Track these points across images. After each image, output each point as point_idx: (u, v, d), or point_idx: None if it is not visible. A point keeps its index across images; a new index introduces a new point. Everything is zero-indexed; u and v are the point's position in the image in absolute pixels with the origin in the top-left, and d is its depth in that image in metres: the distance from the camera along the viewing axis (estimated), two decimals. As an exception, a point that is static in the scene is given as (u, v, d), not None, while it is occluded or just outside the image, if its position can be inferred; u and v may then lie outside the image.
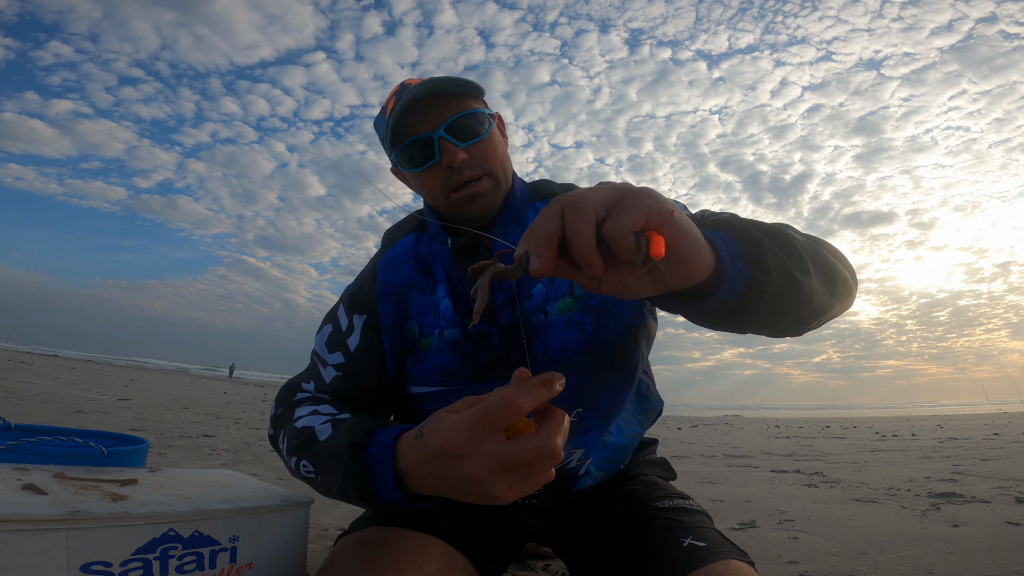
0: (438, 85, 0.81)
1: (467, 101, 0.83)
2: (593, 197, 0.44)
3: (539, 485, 0.52)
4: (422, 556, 0.72)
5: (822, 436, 6.88)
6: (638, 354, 0.87)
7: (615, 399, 0.86)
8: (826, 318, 0.66)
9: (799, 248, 0.58)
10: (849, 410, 33.23)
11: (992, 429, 7.08)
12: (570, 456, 0.86)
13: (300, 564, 0.84)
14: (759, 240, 0.54)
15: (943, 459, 3.90)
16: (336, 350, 0.89)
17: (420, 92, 0.79)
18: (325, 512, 1.88)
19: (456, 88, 0.82)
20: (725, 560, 0.69)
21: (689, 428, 8.89)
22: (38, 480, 0.68)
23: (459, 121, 0.81)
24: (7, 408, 3.89)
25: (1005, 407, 22.06)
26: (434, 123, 0.81)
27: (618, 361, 0.85)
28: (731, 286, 0.52)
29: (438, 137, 0.80)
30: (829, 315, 0.66)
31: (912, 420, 11.33)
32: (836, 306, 0.66)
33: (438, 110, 0.81)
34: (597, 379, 0.84)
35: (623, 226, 0.42)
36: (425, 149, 0.82)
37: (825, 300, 0.62)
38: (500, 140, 0.89)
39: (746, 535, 1.81)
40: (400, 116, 0.81)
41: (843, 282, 0.66)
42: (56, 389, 6.53)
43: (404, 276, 0.90)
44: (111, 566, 0.60)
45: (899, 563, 1.48)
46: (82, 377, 10.03)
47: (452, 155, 0.80)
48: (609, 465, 0.91)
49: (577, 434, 0.85)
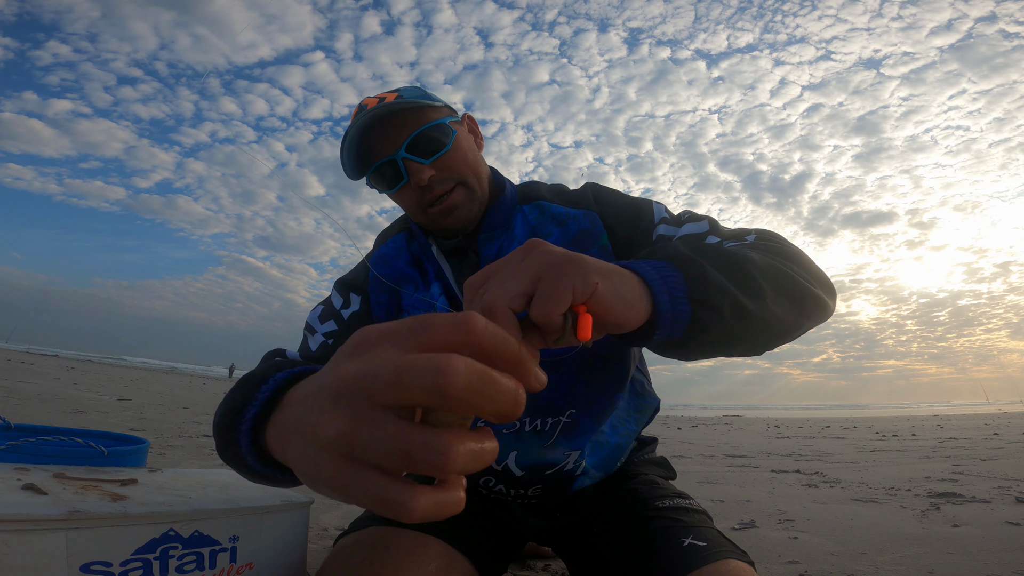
0: (392, 105, 0.79)
1: (425, 114, 0.81)
2: (511, 288, 0.41)
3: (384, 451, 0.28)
4: (421, 556, 0.72)
5: (822, 436, 6.88)
6: (630, 355, 0.87)
7: (609, 400, 0.86)
8: (794, 335, 0.64)
9: (755, 275, 0.57)
10: (849, 410, 33.23)
11: (992, 429, 7.08)
12: (566, 458, 0.86)
13: (300, 564, 0.84)
14: (706, 275, 0.53)
15: (943, 459, 3.90)
16: (329, 319, 0.88)
17: (373, 117, 0.78)
18: (325, 512, 1.88)
19: (412, 104, 0.80)
20: (726, 560, 0.69)
21: (689, 428, 8.89)
22: (38, 480, 0.68)
23: (419, 138, 0.79)
24: (7, 408, 3.89)
25: (1005, 407, 22.05)
26: (395, 144, 0.79)
27: (611, 363, 0.85)
28: (669, 329, 0.51)
29: (401, 158, 0.79)
30: (797, 332, 0.64)
31: (912, 420, 11.33)
32: (806, 323, 0.64)
33: (397, 130, 0.79)
34: (590, 382, 0.83)
35: (549, 313, 0.41)
36: (392, 171, 0.81)
37: (789, 320, 0.61)
38: (469, 145, 0.87)
39: (746, 535, 1.81)
40: (360, 142, 0.80)
41: (812, 299, 0.64)
42: (56, 389, 6.53)
43: (397, 270, 0.89)
44: (111, 566, 0.60)
45: (899, 563, 1.48)
46: (82, 377, 10.03)
47: (418, 174, 0.79)
48: (606, 464, 0.91)
49: (571, 435, 0.85)
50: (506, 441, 0.85)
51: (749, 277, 0.56)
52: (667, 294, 0.50)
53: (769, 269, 0.60)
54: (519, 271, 0.42)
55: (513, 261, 0.44)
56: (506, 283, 0.42)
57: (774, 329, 0.59)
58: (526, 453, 0.86)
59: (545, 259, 0.43)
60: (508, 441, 0.85)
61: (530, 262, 0.43)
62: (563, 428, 0.84)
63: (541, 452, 0.86)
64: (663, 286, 0.50)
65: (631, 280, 0.48)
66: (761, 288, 0.56)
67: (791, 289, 0.61)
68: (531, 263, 0.43)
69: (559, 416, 0.84)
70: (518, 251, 0.45)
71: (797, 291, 0.61)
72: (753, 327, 0.56)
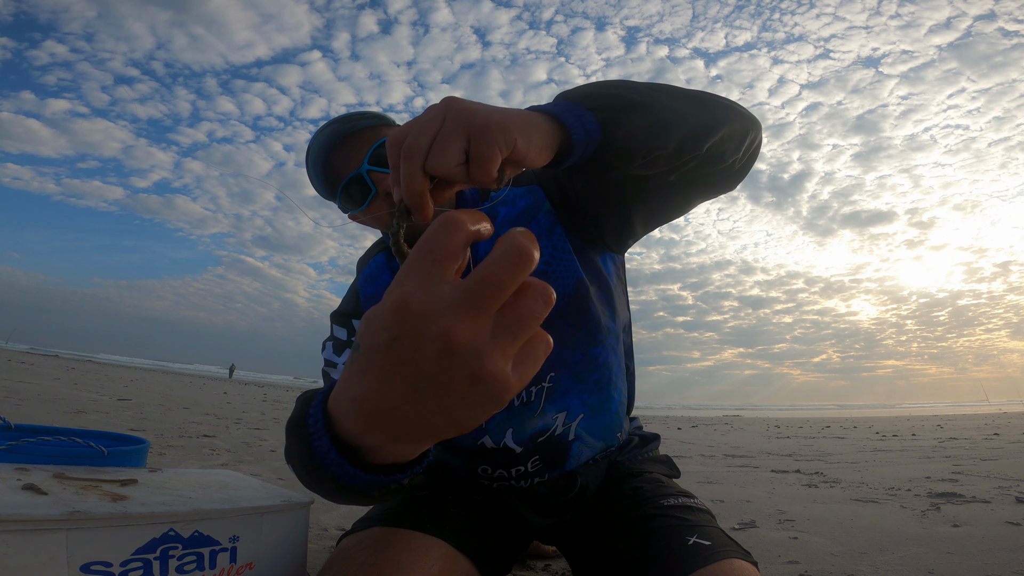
0: (347, 125, 0.85)
1: (380, 131, 0.87)
2: (453, 156, 0.45)
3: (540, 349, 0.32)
4: (424, 557, 0.72)
5: (822, 436, 6.88)
6: (595, 307, 0.89)
7: (584, 357, 0.88)
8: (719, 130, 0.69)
9: (639, 87, 0.64)
10: (849, 410, 33.24)
11: (992, 429, 7.08)
12: (555, 421, 0.88)
13: (300, 564, 0.84)
14: (595, 92, 0.60)
15: (943, 459, 3.90)
16: (344, 350, 0.91)
17: (330, 138, 0.84)
18: (325, 512, 1.88)
19: (362, 123, 0.86)
20: (730, 559, 0.69)
21: (689, 428, 8.89)
22: (38, 480, 0.68)
23: (379, 150, 0.84)
24: (7, 408, 3.89)
25: (1005, 407, 22.06)
26: (357, 161, 0.84)
27: (578, 318, 0.88)
28: (583, 130, 0.56)
29: (365, 171, 0.83)
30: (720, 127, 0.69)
31: (912, 420, 11.34)
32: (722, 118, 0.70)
33: (356, 148, 0.84)
34: (562, 339, 0.86)
35: (487, 176, 0.47)
36: (358, 186, 0.84)
37: (697, 114, 0.67)
38: None
39: (746, 535, 1.81)
40: (324, 166, 0.85)
41: (709, 98, 0.71)
42: (56, 389, 6.53)
43: (383, 285, 0.93)
44: (111, 566, 0.60)
45: (899, 563, 1.48)
46: (82, 377, 10.03)
47: (384, 182, 0.83)
48: (604, 433, 0.92)
49: (555, 398, 0.88)
50: (500, 419, 0.88)
51: (631, 87, 0.64)
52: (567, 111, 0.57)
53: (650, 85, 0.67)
54: (449, 135, 0.46)
55: (434, 120, 0.47)
56: (446, 151, 0.45)
57: (689, 120, 0.65)
58: (520, 428, 0.88)
59: (466, 119, 0.46)
60: (502, 419, 0.88)
61: (453, 123, 0.46)
62: (547, 394, 0.88)
63: (532, 423, 0.88)
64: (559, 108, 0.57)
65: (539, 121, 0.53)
66: (645, 92, 0.64)
67: (678, 92, 0.68)
68: (454, 123, 0.46)
69: (541, 383, 0.87)
70: (436, 108, 0.48)
71: (685, 94, 0.68)
72: (662, 116, 0.63)
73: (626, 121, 0.60)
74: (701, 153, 0.69)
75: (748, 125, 0.75)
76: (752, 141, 0.76)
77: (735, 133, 0.72)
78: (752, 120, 0.76)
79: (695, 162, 0.70)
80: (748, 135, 0.75)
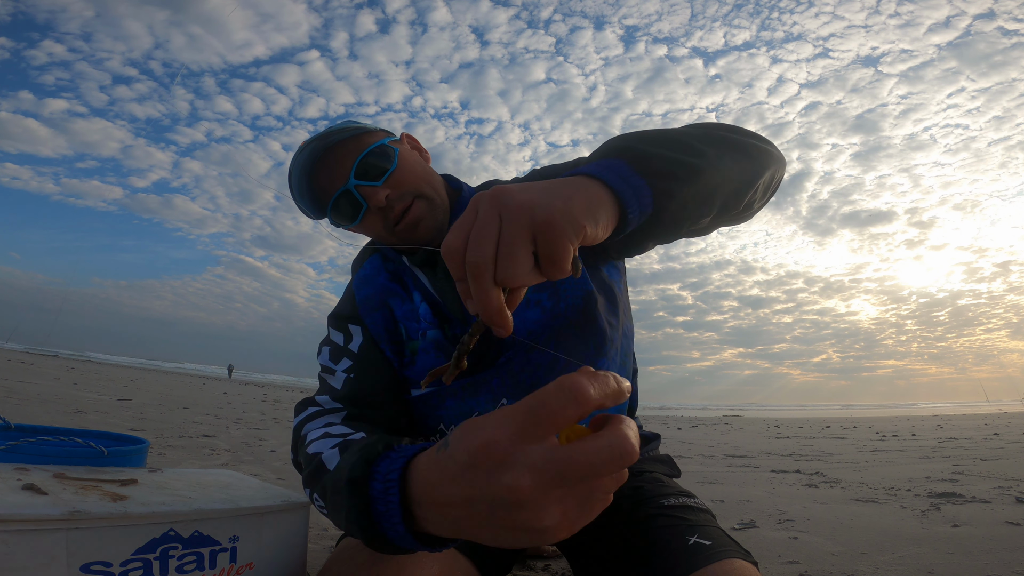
0: (326, 139, 0.81)
1: (362, 141, 0.83)
2: (521, 262, 0.43)
3: (598, 510, 0.37)
4: (424, 557, 0.72)
5: (822, 436, 6.88)
6: (602, 319, 0.88)
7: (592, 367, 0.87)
8: (758, 182, 0.68)
9: (685, 140, 0.61)
10: (849, 410, 33.25)
11: (992, 429, 7.08)
12: None
13: (300, 564, 0.84)
14: (645, 153, 0.56)
15: (943, 459, 3.90)
16: (342, 357, 0.89)
17: (312, 155, 0.81)
18: (325, 512, 1.87)
19: (341, 136, 0.82)
20: (730, 559, 0.69)
21: (689, 428, 8.89)
22: (38, 480, 0.68)
23: (364, 163, 0.81)
24: (7, 408, 3.89)
25: (1005, 407, 22.05)
26: (343, 176, 0.82)
27: (585, 330, 0.86)
28: (639, 208, 0.54)
29: (353, 186, 0.81)
30: (759, 178, 0.68)
31: (912, 420, 11.33)
32: (761, 168, 0.68)
33: (340, 163, 0.82)
34: (568, 352, 0.85)
35: (562, 273, 0.44)
36: (348, 202, 0.83)
37: (742, 168, 0.65)
38: (415, 159, 0.89)
39: (746, 535, 1.81)
40: (309, 185, 0.83)
41: (750, 146, 0.69)
42: (56, 389, 6.53)
43: (379, 286, 0.92)
44: (111, 566, 0.60)
45: (899, 563, 1.48)
46: (82, 377, 10.03)
47: (373, 197, 0.81)
48: None
49: None
50: None
51: (680, 143, 0.60)
52: (622, 181, 0.53)
53: (695, 132, 0.65)
54: (514, 241, 0.42)
55: (490, 225, 0.43)
56: (515, 260, 0.42)
57: (735, 179, 0.63)
58: None
59: (528, 217, 0.43)
60: None
61: (516, 225, 0.43)
62: None
63: None
64: (610, 174, 0.53)
65: (599, 195, 0.50)
66: (695, 148, 0.60)
67: (722, 140, 0.65)
68: (517, 226, 0.43)
69: None
70: (488, 206, 0.44)
71: (729, 141, 0.66)
72: (712, 180, 0.60)
73: (679, 191, 0.57)
74: (739, 210, 0.68)
75: (778, 168, 0.73)
76: (780, 183, 0.75)
77: (769, 180, 0.71)
78: (783, 163, 0.74)
79: (728, 215, 0.69)
80: (775, 178, 0.73)
